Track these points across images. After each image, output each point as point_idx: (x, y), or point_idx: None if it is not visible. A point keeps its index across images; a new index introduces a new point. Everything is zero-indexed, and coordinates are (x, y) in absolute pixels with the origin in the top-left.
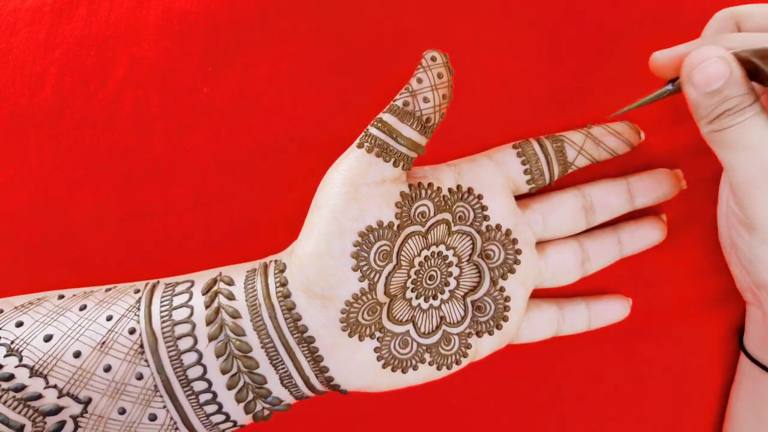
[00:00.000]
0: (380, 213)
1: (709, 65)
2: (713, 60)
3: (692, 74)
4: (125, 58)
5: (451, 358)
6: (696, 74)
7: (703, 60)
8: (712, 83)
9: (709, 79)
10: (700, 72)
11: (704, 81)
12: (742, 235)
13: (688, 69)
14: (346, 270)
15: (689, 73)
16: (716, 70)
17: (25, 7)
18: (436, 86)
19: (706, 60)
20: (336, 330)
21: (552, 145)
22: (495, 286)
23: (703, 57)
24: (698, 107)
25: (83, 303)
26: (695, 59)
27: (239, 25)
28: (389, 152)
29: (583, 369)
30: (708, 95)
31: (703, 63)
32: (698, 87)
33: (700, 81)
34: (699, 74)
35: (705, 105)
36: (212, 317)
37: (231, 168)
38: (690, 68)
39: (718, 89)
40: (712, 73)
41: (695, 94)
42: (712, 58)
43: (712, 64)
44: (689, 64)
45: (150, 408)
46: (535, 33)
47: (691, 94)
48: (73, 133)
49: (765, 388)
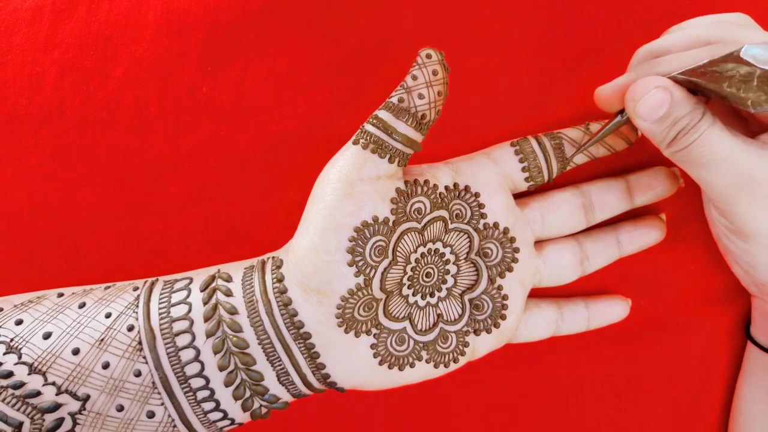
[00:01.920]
0: (375, 209)
1: (649, 97)
2: (652, 92)
3: (636, 108)
4: (125, 57)
5: (449, 356)
6: (640, 107)
7: (643, 93)
8: (657, 112)
9: (653, 108)
10: (642, 105)
11: (649, 112)
12: (736, 243)
13: (630, 105)
14: (341, 265)
15: (633, 107)
16: (657, 99)
17: (25, 7)
18: (431, 83)
19: (645, 92)
20: (332, 326)
21: (550, 142)
22: (493, 285)
23: (642, 90)
24: (653, 135)
25: (82, 301)
26: (635, 93)
27: (239, 25)
28: (384, 148)
29: (582, 369)
30: (657, 122)
31: (643, 95)
32: (645, 118)
33: (645, 113)
34: (642, 107)
35: (658, 131)
36: (210, 314)
37: (230, 167)
38: (632, 103)
39: (665, 114)
40: (654, 103)
41: (645, 125)
42: (649, 90)
43: (652, 95)
44: (630, 100)
45: (148, 405)
46: (532, 30)
47: (641, 125)
48: (73, 133)
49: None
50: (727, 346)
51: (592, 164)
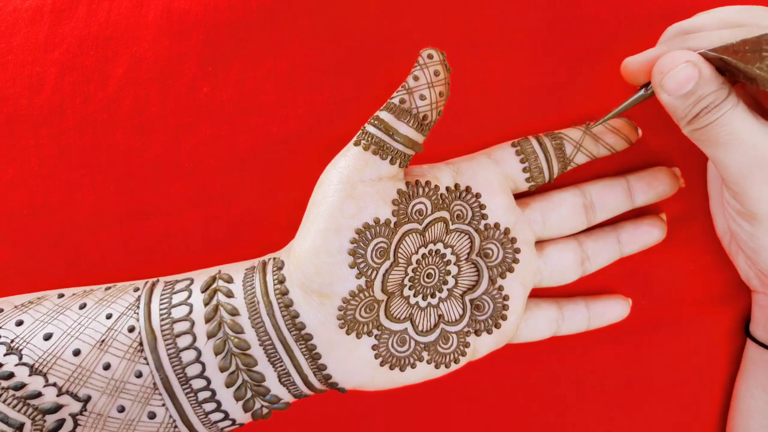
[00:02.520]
0: (377, 210)
1: (678, 71)
2: (681, 65)
3: (663, 81)
4: (125, 57)
5: (450, 357)
6: (666, 81)
7: (672, 66)
8: (684, 87)
9: (680, 83)
10: (670, 78)
11: (676, 86)
12: (743, 226)
13: (658, 77)
14: (343, 267)
15: (660, 80)
16: (685, 74)
17: (25, 7)
18: (432, 84)
19: (674, 66)
20: (333, 327)
21: (551, 142)
22: (493, 285)
23: (671, 63)
24: (675, 110)
25: (83, 301)
26: (664, 66)
27: (239, 25)
28: (386, 150)
29: (582, 369)
30: (682, 98)
31: (672, 69)
32: (671, 92)
33: (671, 87)
34: (669, 80)
35: (681, 107)
36: (211, 315)
37: (230, 167)
38: (660, 76)
39: (691, 91)
40: (682, 78)
41: (669, 99)
42: (679, 64)
43: (681, 69)
44: (659, 72)
45: (149, 406)
46: (533, 30)
47: (665, 99)
48: (73, 133)
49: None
50: (727, 345)
51: (593, 164)
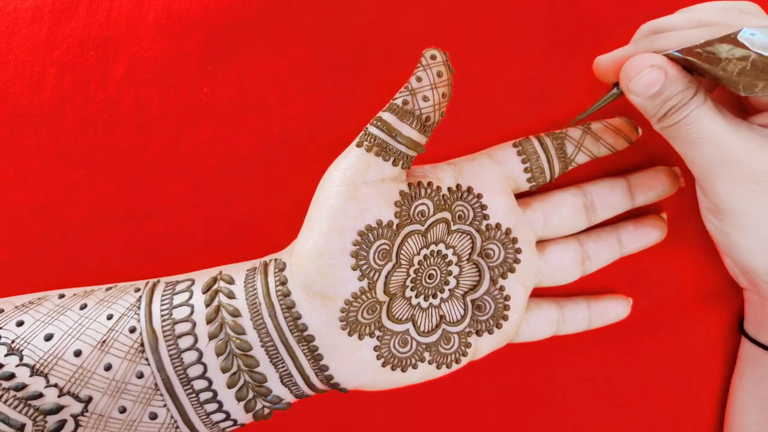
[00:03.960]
0: (379, 212)
1: (643, 75)
2: (646, 70)
3: (630, 85)
4: (125, 57)
5: (451, 357)
6: (633, 84)
7: (638, 70)
8: (650, 89)
9: (646, 86)
10: (636, 82)
11: (642, 89)
12: (714, 223)
13: (625, 80)
14: (345, 269)
15: (627, 84)
16: (651, 77)
17: (25, 7)
18: (435, 85)
19: (640, 70)
20: (336, 329)
21: (552, 142)
22: (495, 285)
23: (637, 67)
24: (644, 109)
25: (84, 302)
26: (630, 70)
27: (239, 25)
28: (389, 151)
29: (583, 368)
30: (650, 99)
31: (637, 73)
32: (638, 94)
33: (638, 89)
34: (636, 84)
35: (650, 107)
36: (212, 316)
37: (231, 167)
38: (627, 79)
39: (658, 92)
40: (647, 81)
41: (638, 100)
42: (644, 68)
43: (646, 73)
44: (626, 76)
45: (150, 407)
46: (534, 31)
47: (634, 100)
48: (73, 133)
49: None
50: (727, 345)
51: (594, 164)
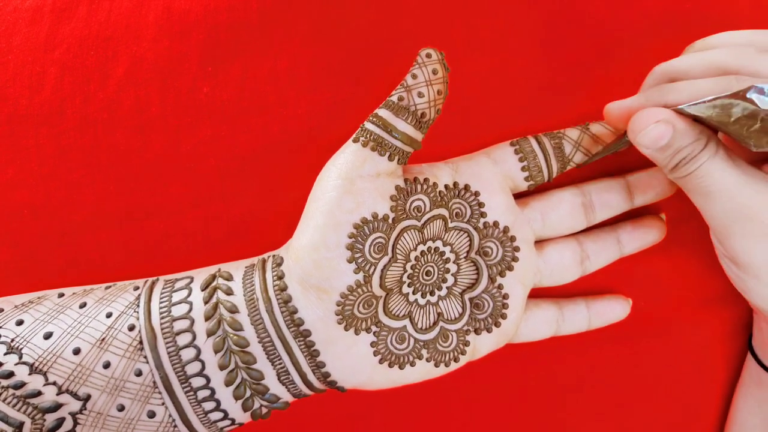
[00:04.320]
0: (375, 205)
1: (650, 130)
2: (652, 126)
3: (637, 139)
4: (125, 57)
5: (449, 355)
6: (641, 138)
7: (645, 125)
8: (657, 143)
9: (653, 140)
10: (644, 136)
11: (650, 142)
12: (731, 268)
13: (632, 135)
14: (341, 262)
15: (634, 138)
16: (657, 132)
17: (25, 7)
18: (430, 82)
19: (646, 125)
20: (332, 323)
21: (550, 142)
22: (493, 284)
23: (643, 122)
24: (655, 160)
25: (83, 301)
26: (636, 125)
27: (239, 25)
28: (384, 146)
29: (583, 369)
30: (659, 151)
31: (644, 128)
32: (647, 147)
33: (646, 143)
34: (643, 138)
35: (660, 158)
36: (211, 312)
37: (231, 167)
38: (633, 134)
39: (667, 144)
40: (654, 136)
41: (648, 152)
42: (651, 123)
43: (652, 129)
44: (632, 131)
45: (149, 405)
46: (531, 30)
47: (643, 151)
48: (73, 133)
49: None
50: (726, 346)
51: (593, 164)
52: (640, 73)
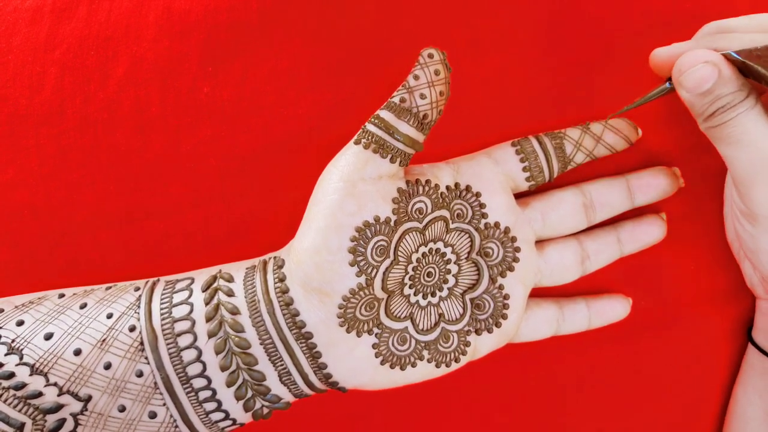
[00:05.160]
0: (377, 208)
1: (696, 70)
2: (700, 65)
3: (682, 78)
4: (125, 57)
5: (450, 356)
6: (685, 78)
7: (691, 65)
8: (702, 86)
9: (699, 82)
10: (689, 76)
11: (694, 84)
12: (745, 226)
13: (677, 74)
14: (343, 265)
15: (679, 77)
16: (704, 73)
17: (25, 7)
18: (432, 83)
19: (694, 65)
20: (334, 325)
21: (551, 142)
22: (494, 284)
23: (690, 62)
24: (693, 106)
25: (84, 301)
26: (684, 64)
27: (239, 25)
28: (386, 148)
29: (583, 369)
30: (700, 96)
31: (691, 68)
32: (689, 89)
33: (689, 84)
34: (688, 78)
35: (698, 104)
36: (212, 314)
37: (231, 167)
38: (679, 73)
39: (709, 90)
40: (700, 77)
41: (688, 96)
42: (699, 63)
43: (699, 68)
44: (678, 69)
45: (150, 405)
46: (533, 30)
47: (684, 95)
48: (73, 133)
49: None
50: (727, 346)
51: (593, 164)
52: (641, 73)
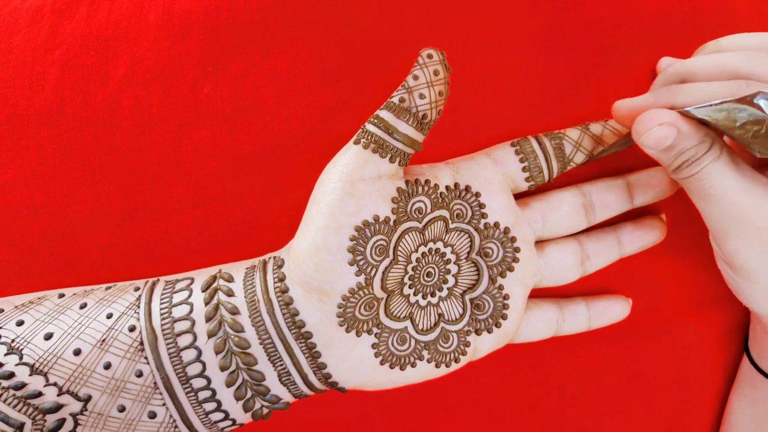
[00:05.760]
0: (376, 208)
1: (654, 132)
2: (656, 127)
3: (642, 139)
4: (125, 58)
5: (450, 356)
6: (645, 139)
7: (648, 126)
8: (662, 144)
9: (658, 141)
10: (648, 137)
11: (654, 144)
12: (725, 269)
13: (636, 136)
14: (342, 264)
15: (638, 139)
16: (662, 134)
17: (25, 7)
18: (432, 83)
19: (650, 126)
20: (333, 325)
21: (550, 142)
22: (494, 284)
23: (648, 123)
24: (659, 160)
25: (83, 301)
26: (640, 126)
27: (240, 26)
28: (386, 148)
29: (583, 369)
30: (663, 152)
31: (648, 130)
32: (651, 147)
33: (650, 144)
34: (648, 138)
35: (664, 159)
36: (211, 314)
37: (231, 168)
38: (638, 135)
39: (671, 146)
40: (658, 137)
41: (651, 152)
42: (655, 125)
43: (656, 130)
44: (636, 132)
45: (149, 405)
46: (533, 31)
47: (648, 151)
48: (73, 133)
49: (764, 395)
50: (725, 346)
51: (593, 164)
52: (640, 74)
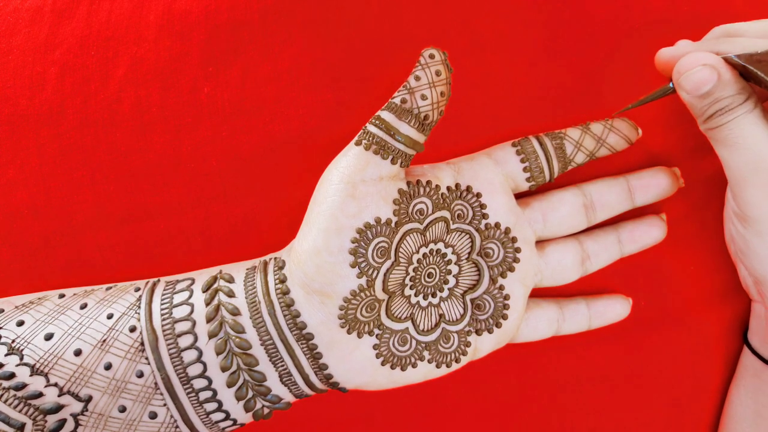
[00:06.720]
0: (378, 210)
1: (695, 72)
2: (699, 68)
3: (681, 80)
4: (126, 58)
5: (451, 356)
6: (684, 80)
7: (690, 67)
8: (701, 88)
9: (697, 84)
10: (688, 78)
11: (693, 86)
12: (738, 227)
13: (677, 75)
14: (344, 266)
15: (678, 79)
16: (703, 76)
17: (25, 7)
18: (434, 83)
19: (693, 67)
20: (335, 326)
21: (551, 142)
22: (494, 285)
23: (689, 64)
24: (692, 107)
25: (84, 302)
26: (683, 66)
27: (239, 25)
28: (387, 149)
29: (583, 368)
30: (699, 98)
31: (690, 70)
32: (688, 91)
33: (688, 86)
34: (687, 80)
35: (698, 106)
36: (212, 314)
37: (231, 168)
38: (678, 75)
39: (708, 92)
40: (699, 79)
41: (687, 97)
42: (698, 65)
43: (698, 71)
44: (678, 71)
45: (150, 406)
46: (534, 31)
47: (683, 96)
48: (74, 133)
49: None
50: (726, 346)
51: (593, 164)
52: (641, 74)
